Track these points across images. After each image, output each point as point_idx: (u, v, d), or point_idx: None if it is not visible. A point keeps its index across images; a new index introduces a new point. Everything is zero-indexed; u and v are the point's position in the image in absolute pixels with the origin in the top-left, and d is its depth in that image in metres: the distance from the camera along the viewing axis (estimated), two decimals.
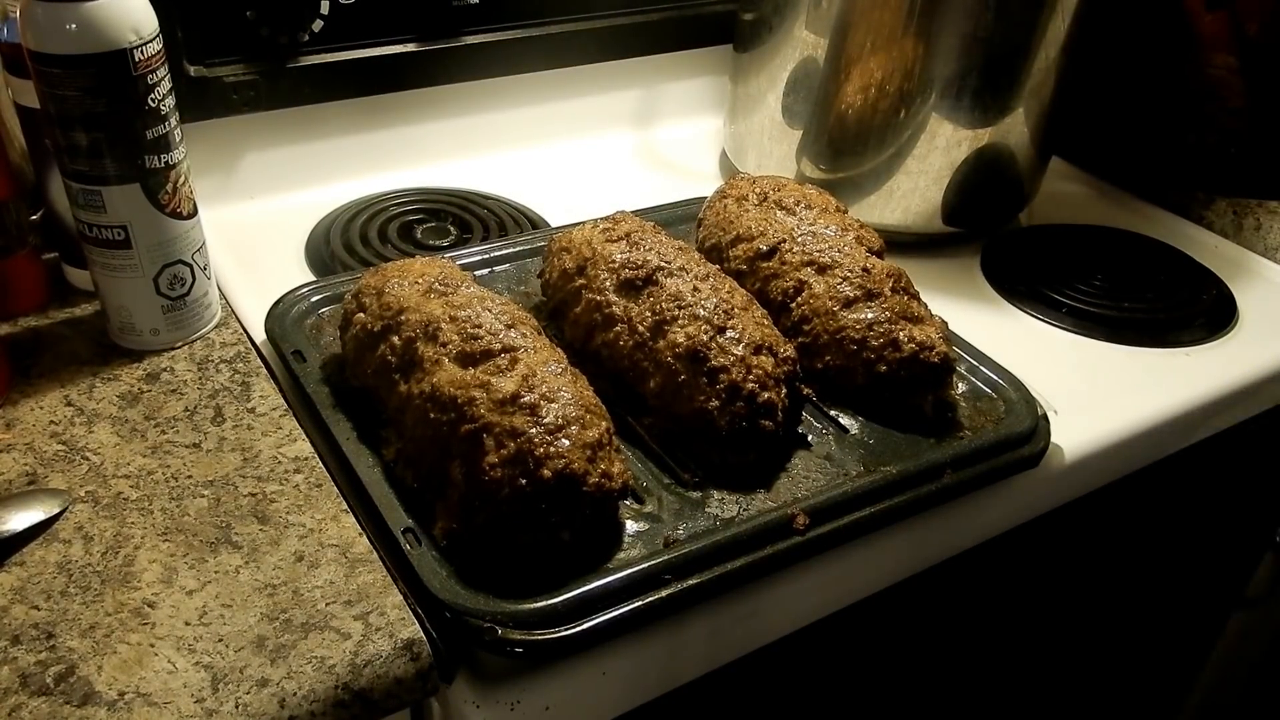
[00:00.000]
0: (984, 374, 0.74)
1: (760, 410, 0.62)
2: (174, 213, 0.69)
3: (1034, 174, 1.00)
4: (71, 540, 0.57)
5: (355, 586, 0.55)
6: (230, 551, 0.57)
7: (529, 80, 1.04)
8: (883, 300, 0.70)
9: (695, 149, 1.13)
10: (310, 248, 0.89)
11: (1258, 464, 1.00)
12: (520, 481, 0.54)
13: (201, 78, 0.87)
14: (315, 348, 0.70)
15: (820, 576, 0.63)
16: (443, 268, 0.68)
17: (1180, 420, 0.80)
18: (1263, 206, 1.02)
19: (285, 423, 0.66)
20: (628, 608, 0.53)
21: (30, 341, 0.72)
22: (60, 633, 0.51)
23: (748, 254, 0.76)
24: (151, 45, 0.64)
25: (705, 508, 0.61)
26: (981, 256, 0.97)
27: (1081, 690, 1.07)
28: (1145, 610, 1.05)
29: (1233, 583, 1.16)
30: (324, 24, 0.90)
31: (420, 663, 0.52)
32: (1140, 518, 0.91)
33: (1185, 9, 1.02)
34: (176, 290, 0.71)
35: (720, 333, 0.64)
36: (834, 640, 0.70)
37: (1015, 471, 0.68)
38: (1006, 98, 0.90)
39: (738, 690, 0.67)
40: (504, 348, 0.60)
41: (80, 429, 0.65)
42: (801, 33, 0.92)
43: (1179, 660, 1.22)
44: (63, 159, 0.66)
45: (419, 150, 1.02)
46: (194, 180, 0.72)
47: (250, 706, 0.49)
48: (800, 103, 0.94)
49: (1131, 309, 0.90)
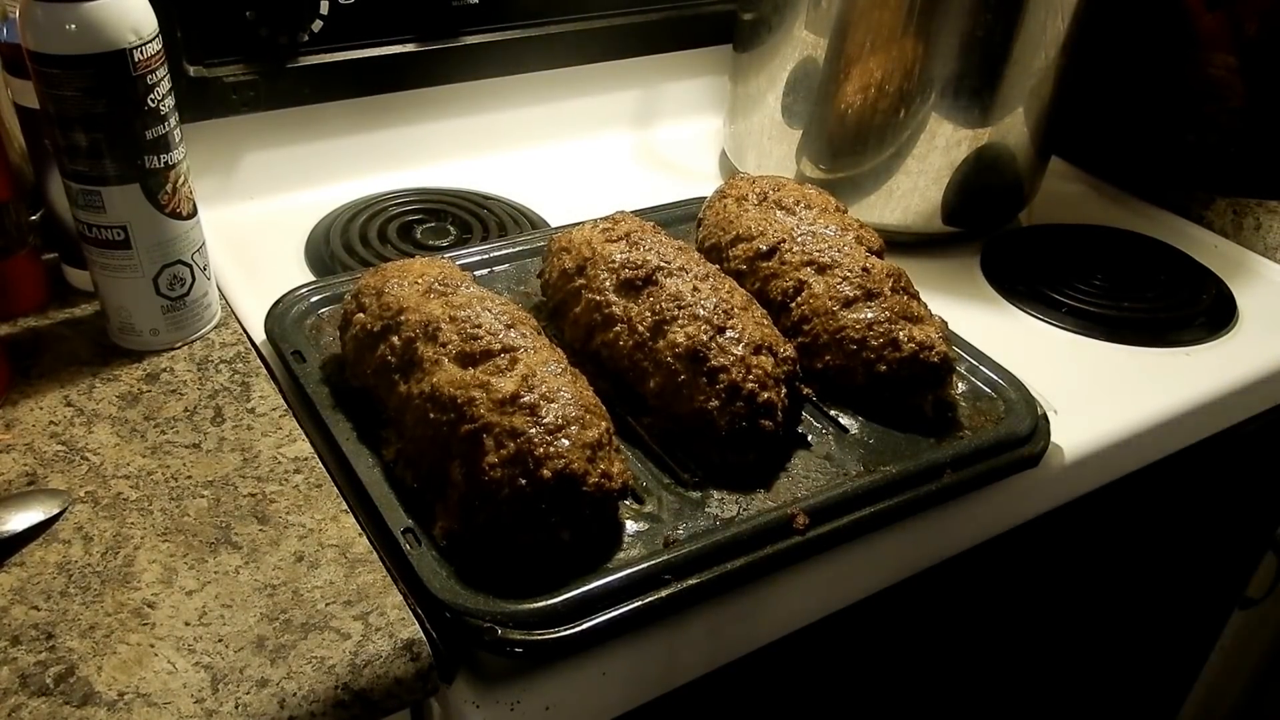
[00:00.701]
0: (984, 374, 0.74)
1: (760, 410, 0.62)
2: (174, 213, 0.69)
3: (1034, 174, 1.00)
4: (71, 540, 0.57)
5: (355, 587, 0.55)
6: (230, 552, 0.57)
7: (529, 80, 1.04)
8: (883, 300, 0.70)
9: (695, 149, 1.13)
10: (310, 248, 0.89)
11: (1258, 464, 1.00)
12: (520, 481, 0.54)
13: (201, 78, 0.87)
14: (315, 348, 0.70)
15: (820, 576, 0.63)
16: (442, 268, 0.68)
17: (1180, 420, 0.80)
18: (1263, 206, 1.02)
19: (285, 423, 0.66)
20: (628, 608, 0.53)
21: (30, 342, 0.72)
22: (60, 633, 0.51)
23: (747, 254, 0.76)
24: (151, 45, 0.64)
25: (705, 508, 0.61)
26: (981, 256, 0.97)
27: (1082, 690, 1.06)
28: (1145, 610, 1.05)
29: (1233, 583, 1.16)
30: (324, 24, 0.90)
31: (420, 663, 0.52)
32: (1140, 518, 0.91)
33: (1185, 9, 1.02)
34: (176, 290, 0.71)
35: (720, 333, 0.64)
36: (834, 640, 0.70)
37: (1015, 471, 0.68)
38: (1006, 97, 0.90)
39: (738, 690, 0.67)
40: (504, 348, 0.60)
41: (80, 429, 0.65)
42: (801, 33, 0.92)
43: (1179, 660, 1.22)
44: (62, 159, 0.66)
45: (419, 150, 1.02)
46: (194, 180, 0.72)
47: (250, 707, 0.48)
48: (800, 103, 0.94)
49: (1131, 309, 0.90)
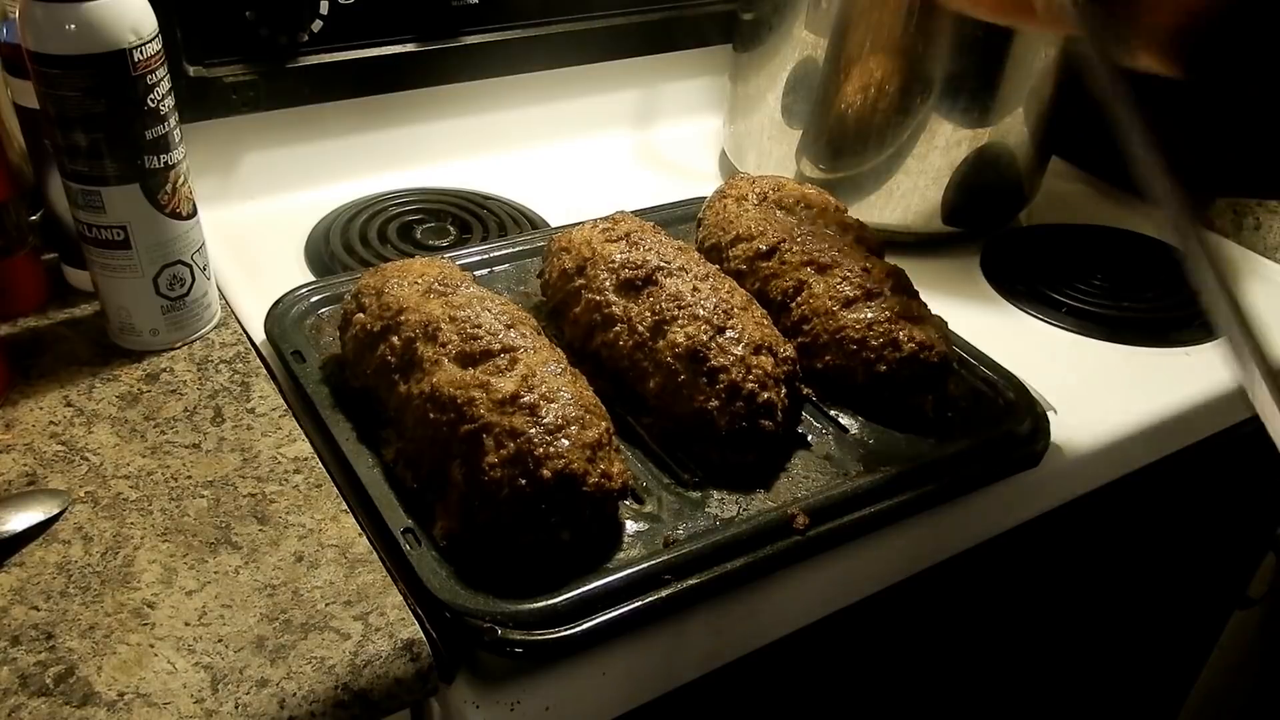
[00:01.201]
0: (984, 374, 0.74)
1: (760, 410, 0.62)
2: (173, 213, 0.69)
3: (1034, 174, 1.00)
4: (71, 541, 0.57)
5: (355, 587, 0.55)
6: (230, 552, 0.57)
7: (529, 80, 1.04)
8: (882, 300, 0.70)
9: (695, 149, 1.13)
10: (310, 248, 0.89)
11: (1258, 463, 1.00)
12: (520, 481, 0.54)
13: (201, 78, 0.87)
14: (315, 348, 0.70)
15: (820, 576, 0.63)
16: (442, 268, 0.68)
17: (1180, 420, 0.80)
18: (1263, 206, 1.02)
19: (285, 423, 0.66)
20: (628, 608, 0.53)
21: (30, 342, 0.72)
22: (60, 633, 0.51)
23: (747, 254, 0.76)
24: (151, 45, 0.64)
25: (705, 508, 0.61)
26: (981, 256, 0.96)
27: (1082, 690, 1.06)
28: (1145, 610, 1.05)
29: (1233, 583, 1.16)
30: (323, 24, 0.90)
31: (420, 663, 0.52)
32: (1140, 517, 0.91)
33: None
34: (176, 290, 0.71)
35: (720, 333, 0.64)
36: (834, 640, 0.70)
37: (1015, 471, 0.68)
38: (1006, 97, 0.90)
39: (738, 690, 0.67)
40: (504, 348, 0.60)
41: (80, 429, 0.65)
42: (801, 33, 0.92)
43: (1179, 660, 1.22)
44: (62, 159, 0.66)
45: (419, 150, 1.02)
46: (193, 180, 0.71)
47: (250, 707, 0.48)
48: (800, 103, 0.94)
49: (1131, 309, 0.90)
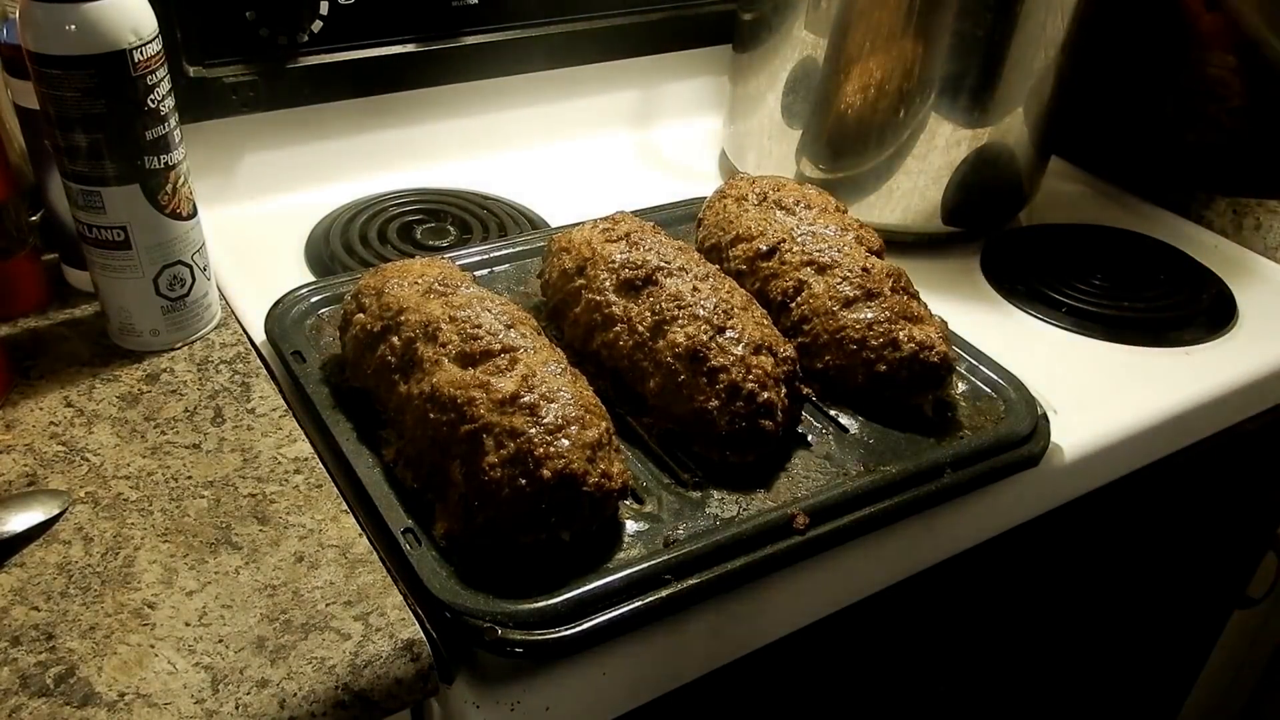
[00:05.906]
0: (984, 374, 0.74)
1: (760, 410, 0.62)
2: (173, 213, 0.69)
3: (1034, 173, 1.00)
4: (71, 541, 0.57)
5: (355, 587, 0.55)
6: (230, 552, 0.57)
7: (529, 80, 1.04)
8: (882, 300, 0.70)
9: (695, 149, 1.13)
10: (310, 248, 0.89)
11: (1258, 463, 1.00)
12: (520, 481, 0.54)
13: (201, 78, 0.87)
14: (315, 348, 0.70)
15: (820, 576, 0.63)
16: (442, 268, 0.68)
17: (1180, 420, 0.80)
18: (1263, 206, 1.02)
19: (285, 423, 0.66)
20: (628, 608, 0.53)
21: (30, 342, 0.72)
22: (60, 634, 0.51)
23: (747, 254, 0.76)
24: (151, 46, 0.64)
25: (705, 508, 0.61)
26: (981, 256, 0.97)
27: (1082, 690, 1.06)
28: (1146, 610, 1.05)
29: (1233, 583, 1.16)
30: (323, 24, 0.90)
31: (420, 663, 0.52)
32: (1140, 517, 0.91)
33: (1185, 9, 1.02)
34: (176, 291, 0.71)
35: (720, 333, 0.64)
36: (834, 640, 0.70)
37: (1015, 471, 0.68)
38: (1006, 97, 0.90)
39: (738, 690, 0.67)
40: (504, 348, 0.60)
41: (80, 430, 0.65)
42: (801, 33, 0.92)
43: (1179, 660, 1.22)
44: (62, 160, 0.66)
45: (419, 150, 1.02)
46: (194, 181, 0.72)
47: (250, 707, 0.48)
48: (800, 103, 0.94)
49: (1131, 308, 0.90)
